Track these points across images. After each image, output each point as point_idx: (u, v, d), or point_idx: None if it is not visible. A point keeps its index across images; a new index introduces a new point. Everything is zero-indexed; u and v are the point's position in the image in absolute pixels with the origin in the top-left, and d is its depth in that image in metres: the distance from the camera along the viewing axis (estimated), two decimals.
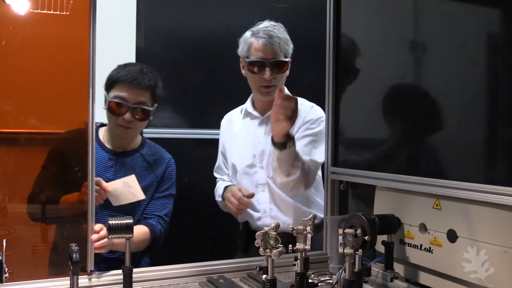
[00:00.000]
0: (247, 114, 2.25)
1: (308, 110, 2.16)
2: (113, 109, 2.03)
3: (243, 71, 2.17)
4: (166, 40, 2.80)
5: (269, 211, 2.13)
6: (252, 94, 2.24)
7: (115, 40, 2.73)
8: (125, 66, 2.10)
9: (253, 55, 2.09)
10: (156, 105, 2.10)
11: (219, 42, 2.08)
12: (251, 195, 2.08)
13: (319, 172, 2.18)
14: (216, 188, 2.35)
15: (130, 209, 2.01)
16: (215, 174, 2.38)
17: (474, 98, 1.41)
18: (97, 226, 1.69)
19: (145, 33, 2.76)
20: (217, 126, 2.36)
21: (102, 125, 2.17)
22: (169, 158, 2.21)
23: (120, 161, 2.10)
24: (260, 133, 2.17)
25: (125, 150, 2.14)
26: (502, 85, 1.33)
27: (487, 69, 1.38)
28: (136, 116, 2.03)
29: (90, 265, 1.58)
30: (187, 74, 2.70)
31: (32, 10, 1.58)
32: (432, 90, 1.56)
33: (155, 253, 2.12)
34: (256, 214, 2.16)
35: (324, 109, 2.00)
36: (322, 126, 2.07)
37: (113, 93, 2.03)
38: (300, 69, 2.73)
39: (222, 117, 2.38)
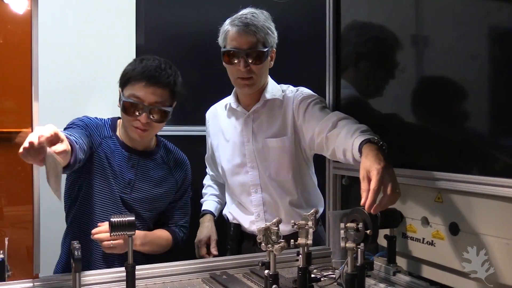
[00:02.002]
0: (231, 110, 2.10)
1: (295, 91, 2.03)
2: (127, 109, 1.85)
3: (223, 62, 2.00)
4: (166, 37, 2.78)
5: (262, 214, 2.04)
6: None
7: (115, 37, 2.74)
8: (141, 61, 1.91)
9: (228, 44, 1.93)
10: (175, 103, 1.94)
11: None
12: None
13: (313, 169, 2.12)
14: (202, 195, 2.34)
15: (143, 208, 1.96)
16: (207, 164, 2.34)
17: (474, 91, 1.41)
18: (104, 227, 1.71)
19: (145, 30, 2.75)
20: None
21: (119, 117, 2.00)
22: (187, 160, 2.12)
23: (141, 163, 1.97)
24: (247, 131, 2.03)
25: (144, 151, 2.00)
26: (502, 77, 1.33)
27: (486, 62, 1.38)
28: (153, 117, 1.86)
29: (36, 269, 1.51)
30: (189, 71, 2.68)
31: None
32: (431, 83, 1.56)
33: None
34: (249, 218, 2.07)
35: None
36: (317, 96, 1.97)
37: (128, 91, 1.86)
38: (300, 63, 2.74)
39: None
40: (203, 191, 2.36)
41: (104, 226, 1.78)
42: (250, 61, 1.91)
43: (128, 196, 1.92)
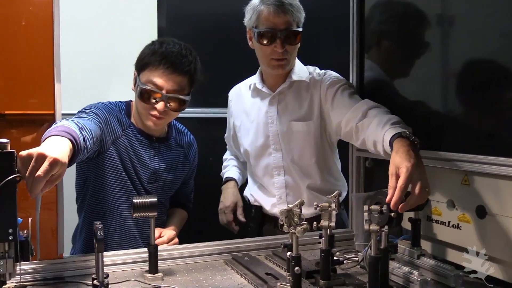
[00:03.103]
0: (256, 91, 2.06)
1: (323, 74, 2.00)
2: (144, 96, 1.80)
3: (250, 43, 1.98)
4: (188, 19, 2.76)
5: (285, 197, 2.01)
6: (260, 67, 2.05)
7: (137, 19, 2.73)
8: (161, 44, 1.83)
9: (262, 24, 1.88)
10: (192, 90, 1.90)
11: (243, 20, 2.00)
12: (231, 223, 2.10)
13: (337, 154, 2.09)
14: (223, 169, 2.33)
15: (164, 195, 1.99)
16: (227, 142, 2.34)
17: (505, 70, 1.36)
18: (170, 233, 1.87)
19: (167, 12, 2.74)
20: None
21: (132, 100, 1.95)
22: (194, 140, 2.12)
23: (161, 150, 1.95)
24: (272, 112, 2.00)
25: (160, 136, 1.96)
26: None
27: None
28: (170, 106, 1.81)
29: (60, 249, 1.52)
30: (211, 53, 2.67)
31: None
32: (459, 63, 1.52)
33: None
34: (271, 200, 2.05)
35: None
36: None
37: (145, 77, 1.80)
38: (323, 44, 2.70)
39: None
40: (224, 163, 2.34)
41: (161, 239, 1.85)
42: (286, 42, 1.88)
43: (153, 185, 1.92)
